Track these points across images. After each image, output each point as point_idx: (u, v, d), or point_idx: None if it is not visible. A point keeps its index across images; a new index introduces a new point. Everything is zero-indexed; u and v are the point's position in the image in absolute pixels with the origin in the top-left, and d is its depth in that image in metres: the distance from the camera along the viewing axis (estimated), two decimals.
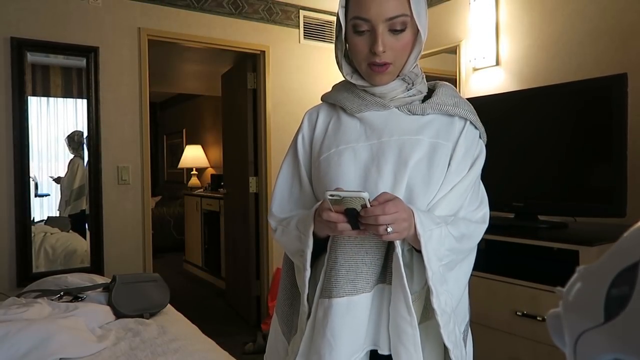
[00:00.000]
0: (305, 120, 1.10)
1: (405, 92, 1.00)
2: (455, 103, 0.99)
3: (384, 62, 0.94)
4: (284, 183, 1.07)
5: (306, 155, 1.06)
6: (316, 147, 1.04)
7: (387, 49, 0.93)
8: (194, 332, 1.83)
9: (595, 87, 1.91)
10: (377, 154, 0.96)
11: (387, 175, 0.93)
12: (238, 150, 3.81)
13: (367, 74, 0.98)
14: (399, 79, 0.99)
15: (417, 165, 0.94)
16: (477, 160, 0.99)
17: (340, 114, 1.04)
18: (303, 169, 1.05)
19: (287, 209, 1.05)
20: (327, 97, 1.09)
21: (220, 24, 3.25)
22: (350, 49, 0.98)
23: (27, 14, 2.65)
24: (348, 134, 1.00)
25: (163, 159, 8.21)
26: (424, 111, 0.98)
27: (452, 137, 0.97)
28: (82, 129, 2.89)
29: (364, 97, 1.01)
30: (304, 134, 1.08)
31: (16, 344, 1.45)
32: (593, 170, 1.94)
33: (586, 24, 2.33)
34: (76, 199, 2.92)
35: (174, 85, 6.35)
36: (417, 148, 0.95)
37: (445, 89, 1.02)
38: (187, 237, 5.84)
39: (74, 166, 2.90)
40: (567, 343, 0.29)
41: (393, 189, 0.92)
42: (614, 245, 0.27)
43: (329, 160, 0.99)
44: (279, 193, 1.07)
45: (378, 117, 0.99)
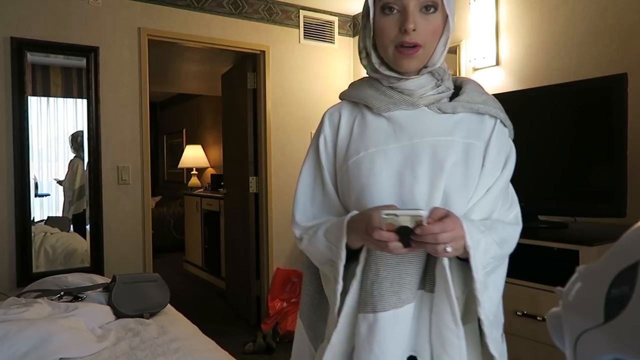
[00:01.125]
0: (326, 120, 1.03)
1: (434, 88, 0.95)
2: (485, 101, 0.95)
3: (414, 42, 0.89)
4: (305, 188, 1.02)
5: (329, 159, 1.00)
6: (341, 150, 0.98)
7: (417, 26, 0.89)
8: (194, 332, 1.83)
9: (595, 87, 1.91)
10: (410, 156, 0.90)
11: (423, 179, 0.88)
12: (238, 150, 3.81)
13: (394, 58, 0.92)
14: (428, 74, 0.95)
15: (453, 169, 0.89)
16: (509, 159, 0.95)
17: (364, 113, 0.98)
18: (326, 173, 0.99)
19: (310, 215, 1.00)
20: (349, 95, 1.03)
21: (220, 24, 3.26)
22: (377, 34, 0.93)
23: (27, 14, 2.65)
24: (376, 136, 0.94)
25: (163, 159, 8.21)
26: (454, 109, 0.93)
27: (483, 136, 0.93)
28: (82, 129, 2.89)
29: (391, 94, 0.96)
30: (326, 135, 1.01)
31: (16, 344, 1.45)
32: (593, 170, 1.94)
33: (586, 23, 2.33)
34: (78, 199, 2.92)
35: (174, 85, 6.35)
36: (452, 150, 0.90)
37: (473, 85, 0.99)
38: (187, 237, 5.84)
39: (74, 166, 2.90)
40: (567, 343, 0.29)
41: (430, 194, 0.88)
42: (614, 245, 0.27)
43: (359, 165, 0.93)
44: (301, 199, 1.01)
45: (407, 117, 0.94)
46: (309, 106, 3.66)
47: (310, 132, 3.67)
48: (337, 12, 3.75)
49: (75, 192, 2.91)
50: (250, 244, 3.67)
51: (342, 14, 3.78)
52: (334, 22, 3.75)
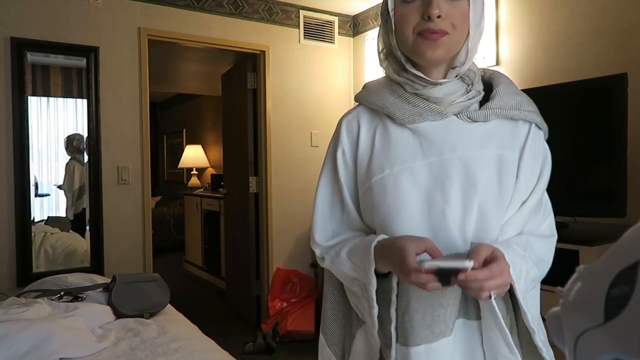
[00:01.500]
0: (343, 130, 0.93)
1: (464, 94, 0.85)
2: (518, 103, 0.86)
3: (440, 29, 0.79)
4: (323, 205, 0.93)
5: (349, 174, 0.91)
6: (363, 166, 0.89)
7: (443, 13, 0.79)
8: (194, 332, 1.83)
9: (595, 87, 1.91)
10: (440, 175, 0.81)
11: (455, 200, 0.80)
12: (238, 150, 3.81)
13: (415, 46, 0.82)
14: (458, 80, 0.85)
15: (487, 186, 0.81)
16: (545, 167, 0.87)
17: (386, 123, 0.88)
18: (345, 189, 0.90)
19: (329, 233, 0.92)
20: (367, 100, 0.92)
21: (220, 24, 3.25)
22: (397, 24, 0.83)
23: (27, 14, 2.65)
24: (401, 151, 0.85)
25: (163, 159, 8.21)
26: (487, 117, 0.83)
27: (517, 144, 0.84)
28: (82, 129, 2.89)
29: (416, 102, 0.85)
30: (344, 147, 0.91)
31: (16, 344, 1.45)
32: (593, 170, 1.94)
33: (586, 23, 2.33)
34: (78, 199, 2.92)
35: (174, 85, 6.35)
36: (484, 165, 0.82)
37: (506, 86, 0.88)
38: (187, 237, 5.83)
39: (70, 169, 2.90)
40: (567, 343, 0.29)
41: (463, 217, 0.80)
42: (614, 245, 0.27)
43: (383, 185, 0.84)
44: (320, 217, 0.93)
45: (435, 129, 0.84)
46: (309, 106, 3.66)
47: (311, 132, 3.68)
48: (337, 12, 3.75)
49: (75, 193, 2.91)
50: (250, 244, 3.67)
51: (342, 14, 3.78)
52: (334, 22, 3.75)
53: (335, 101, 3.79)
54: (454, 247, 0.80)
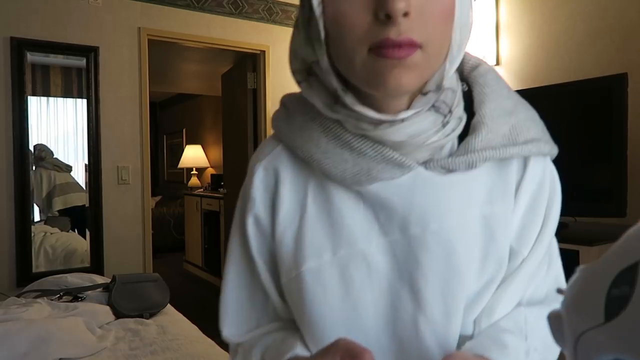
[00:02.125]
0: (256, 183, 0.60)
1: (440, 131, 0.54)
2: (513, 130, 0.56)
3: (406, 39, 0.46)
4: (239, 294, 0.64)
5: (267, 249, 0.61)
6: (287, 243, 0.58)
7: (412, 6, 0.45)
8: (194, 332, 1.83)
9: (595, 87, 1.91)
10: (407, 262, 0.54)
11: (433, 302, 0.53)
12: (238, 150, 3.81)
13: (366, 72, 0.48)
14: (431, 111, 0.53)
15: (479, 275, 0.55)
16: (553, 206, 0.60)
17: (323, 179, 0.57)
18: (264, 269, 0.61)
19: (254, 323, 0.64)
20: (288, 139, 0.60)
21: (220, 23, 3.25)
22: (330, 28, 0.49)
23: (27, 14, 2.65)
24: (347, 225, 0.56)
25: (163, 159, 8.21)
26: (470, 165, 0.54)
27: (509, 189, 0.57)
28: (82, 129, 2.89)
29: (363, 150, 0.54)
30: (258, 212, 0.60)
31: (16, 344, 1.45)
32: (593, 170, 1.94)
33: (586, 23, 2.33)
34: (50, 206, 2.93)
35: (174, 85, 6.35)
36: (470, 236, 0.55)
37: (494, 102, 0.57)
38: (187, 237, 5.84)
39: (37, 179, 2.87)
40: (568, 343, 0.29)
41: (446, 326, 0.54)
42: (614, 245, 0.27)
43: (321, 280, 0.55)
44: (234, 306, 0.64)
45: (395, 190, 0.54)
46: None
47: None
48: None
49: (44, 200, 2.92)
50: None
51: None
52: None
53: None
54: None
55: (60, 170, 2.93)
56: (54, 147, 2.91)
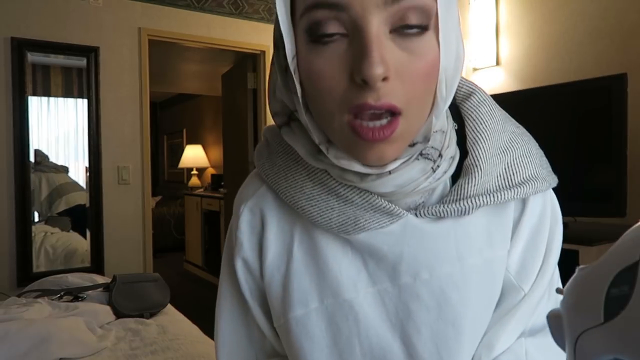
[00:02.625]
0: (243, 226, 0.58)
1: (430, 176, 0.50)
2: (507, 169, 0.53)
3: (386, 104, 0.42)
4: (234, 331, 0.61)
5: (259, 292, 0.59)
6: (274, 288, 0.56)
7: (390, 70, 0.42)
8: (194, 332, 1.83)
9: (595, 87, 1.91)
10: (398, 313, 0.51)
11: (427, 357, 0.51)
12: (238, 150, 3.81)
13: (346, 141, 0.46)
14: (420, 159, 0.49)
15: (475, 322, 0.52)
16: (554, 239, 0.58)
17: (307, 226, 0.55)
18: (258, 311, 0.59)
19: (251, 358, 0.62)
20: (273, 182, 0.56)
21: (220, 24, 3.26)
22: (307, 87, 0.46)
23: (28, 14, 2.65)
24: (334, 273, 0.53)
25: (163, 159, 8.21)
26: (463, 212, 0.51)
27: (506, 230, 0.54)
28: (82, 129, 2.89)
29: (350, 197, 0.51)
30: (246, 257, 0.58)
31: (16, 344, 1.45)
32: (593, 170, 1.94)
33: (586, 24, 2.33)
34: (49, 206, 2.93)
35: (174, 85, 6.35)
36: (467, 284, 0.51)
37: (488, 139, 0.52)
38: (187, 237, 5.84)
39: (36, 183, 2.88)
40: (567, 343, 0.29)
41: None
42: (614, 245, 0.27)
43: (307, 329, 0.53)
44: (230, 342, 0.61)
45: (384, 238, 0.51)
46: None
47: None
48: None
49: (44, 203, 2.92)
50: None
51: None
52: None
53: None
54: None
55: (58, 171, 2.94)
56: (54, 147, 2.91)
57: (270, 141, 0.58)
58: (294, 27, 0.45)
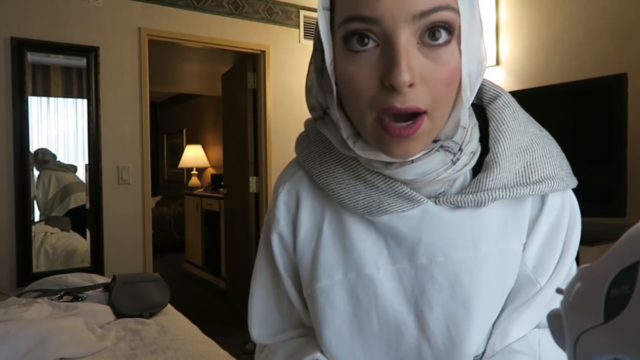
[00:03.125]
0: (280, 205, 0.65)
1: (450, 167, 0.55)
2: (526, 167, 0.57)
3: (411, 107, 0.47)
4: (266, 301, 0.69)
5: (291, 264, 0.66)
6: (305, 261, 0.63)
7: (416, 77, 0.47)
8: (194, 332, 1.83)
9: (595, 87, 1.91)
10: (413, 290, 0.57)
11: (437, 332, 0.56)
12: (238, 150, 3.81)
13: (375, 137, 0.51)
14: (440, 151, 0.54)
15: (489, 307, 0.57)
16: (573, 236, 0.59)
17: (337, 207, 0.61)
18: (289, 282, 0.66)
19: (279, 328, 0.70)
20: (309, 166, 0.63)
21: (220, 23, 3.25)
22: (342, 88, 0.51)
23: (27, 14, 2.65)
24: (358, 250, 0.59)
25: (163, 159, 8.21)
26: (479, 203, 0.55)
27: (524, 224, 0.58)
28: (82, 129, 2.89)
29: (375, 183, 0.57)
30: (282, 231, 0.65)
31: (16, 344, 1.45)
32: (593, 170, 1.94)
33: (586, 23, 2.33)
34: (59, 205, 2.94)
35: (174, 85, 6.35)
36: (482, 273, 0.56)
37: (509, 139, 0.57)
38: (187, 237, 5.84)
39: (44, 180, 2.90)
40: (567, 343, 0.29)
41: (449, 356, 0.56)
42: (614, 245, 0.27)
43: (330, 299, 0.60)
44: (262, 312, 0.69)
45: (405, 221, 0.57)
46: None
47: None
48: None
49: (49, 203, 2.93)
50: (250, 243, 3.67)
51: None
52: None
53: None
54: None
55: (67, 170, 2.95)
56: (54, 147, 2.91)
57: (310, 132, 0.66)
58: (332, 35, 0.51)
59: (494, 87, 0.61)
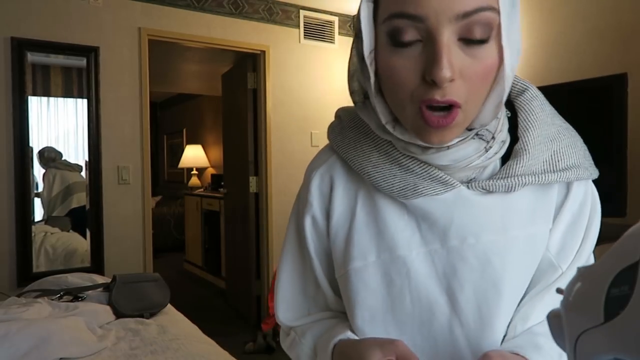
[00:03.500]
0: (314, 188, 0.68)
1: (483, 155, 0.58)
2: (554, 157, 0.60)
3: (450, 100, 0.51)
4: (292, 284, 0.72)
5: (323, 247, 0.68)
6: (338, 243, 0.65)
7: (456, 74, 0.50)
8: (194, 332, 1.83)
9: (595, 87, 1.92)
10: (445, 271, 0.59)
11: (468, 312, 0.58)
12: (238, 150, 3.81)
13: (415, 125, 0.54)
14: (475, 139, 0.58)
15: (517, 287, 0.59)
16: (592, 226, 0.63)
17: (371, 189, 0.64)
18: (318, 265, 0.69)
19: (305, 311, 0.72)
20: (342, 151, 0.66)
21: (220, 23, 3.25)
22: (383, 78, 0.55)
23: (28, 14, 2.65)
24: (391, 232, 0.61)
25: (163, 159, 8.21)
26: (509, 188, 0.58)
27: (551, 209, 0.61)
28: (82, 129, 2.89)
29: (410, 167, 0.60)
30: (315, 214, 0.68)
31: (16, 344, 1.45)
32: None
33: (586, 23, 2.33)
34: (61, 204, 2.94)
35: (174, 85, 6.35)
36: (512, 255, 0.58)
37: (537, 128, 0.60)
38: (187, 236, 5.84)
39: (49, 178, 2.90)
40: (567, 343, 0.29)
41: (481, 336, 0.58)
42: (614, 245, 0.27)
43: (364, 279, 0.62)
44: (288, 295, 0.72)
45: (437, 205, 0.59)
46: (309, 106, 3.66)
47: (311, 132, 3.67)
48: (337, 12, 3.75)
49: (52, 201, 2.93)
50: (250, 243, 3.67)
51: (342, 13, 3.78)
52: (334, 22, 3.75)
53: (335, 101, 3.79)
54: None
55: (72, 169, 2.95)
56: (54, 147, 2.91)
57: (343, 118, 0.70)
58: (375, 26, 0.54)
59: (522, 80, 0.64)
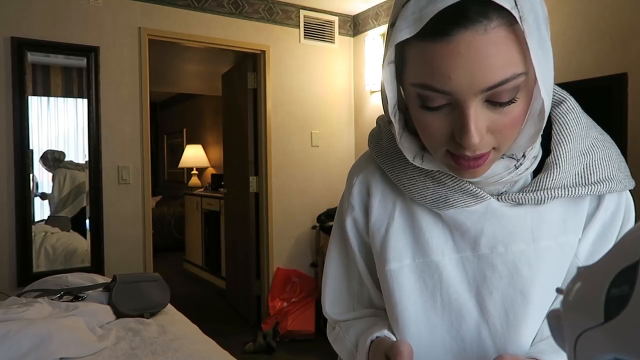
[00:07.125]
0: (355, 191, 0.73)
1: (513, 172, 0.60)
2: (586, 169, 0.61)
3: (481, 154, 0.54)
4: (338, 280, 0.77)
5: (364, 246, 0.74)
6: (376, 245, 0.69)
7: (484, 135, 0.53)
8: (194, 331, 1.83)
9: (595, 87, 1.92)
10: (475, 277, 0.63)
11: (495, 315, 0.62)
12: (238, 150, 3.81)
13: (446, 164, 0.58)
14: (505, 158, 0.60)
15: (543, 296, 0.61)
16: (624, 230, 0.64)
17: (407, 199, 0.68)
18: (362, 263, 0.74)
19: (349, 307, 0.77)
20: (381, 161, 0.70)
21: (220, 23, 3.26)
22: (415, 124, 0.58)
23: (28, 14, 2.65)
24: (426, 238, 0.65)
25: (163, 159, 8.21)
26: (539, 201, 0.60)
27: (582, 220, 0.63)
28: (82, 129, 2.89)
29: (443, 180, 0.63)
30: (356, 216, 0.73)
31: (16, 344, 1.45)
32: None
33: (586, 23, 2.33)
34: (73, 201, 2.94)
35: (174, 85, 6.35)
36: (540, 264, 0.61)
37: (571, 142, 0.60)
38: (187, 236, 5.84)
39: (59, 178, 2.91)
40: (567, 343, 0.29)
41: (507, 341, 0.62)
42: (614, 245, 0.27)
43: (399, 280, 0.66)
44: (333, 290, 0.78)
45: (468, 215, 0.63)
46: (309, 106, 3.66)
47: (311, 132, 3.67)
48: (337, 12, 3.75)
49: (62, 201, 2.93)
50: (250, 243, 3.67)
51: (342, 13, 3.78)
52: (334, 21, 3.75)
53: (335, 101, 3.79)
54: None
55: (81, 169, 2.96)
56: (55, 148, 2.91)
57: (382, 128, 0.72)
58: (403, 80, 0.55)
59: (560, 91, 0.65)
